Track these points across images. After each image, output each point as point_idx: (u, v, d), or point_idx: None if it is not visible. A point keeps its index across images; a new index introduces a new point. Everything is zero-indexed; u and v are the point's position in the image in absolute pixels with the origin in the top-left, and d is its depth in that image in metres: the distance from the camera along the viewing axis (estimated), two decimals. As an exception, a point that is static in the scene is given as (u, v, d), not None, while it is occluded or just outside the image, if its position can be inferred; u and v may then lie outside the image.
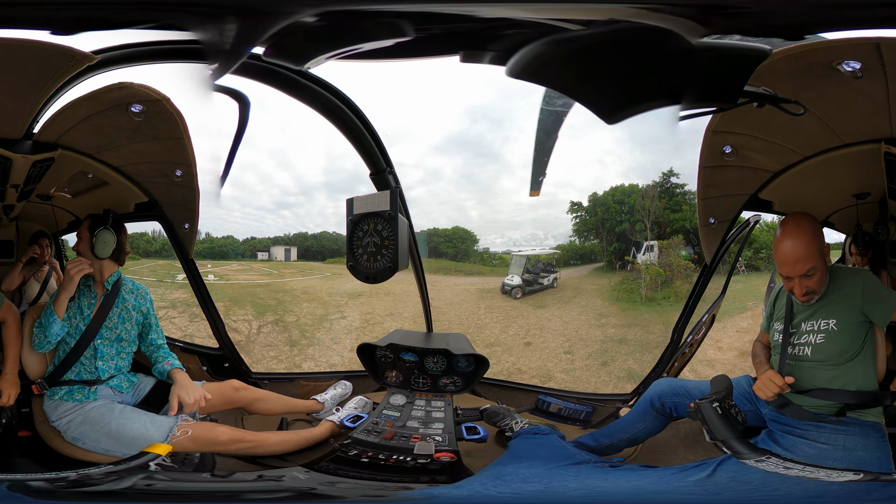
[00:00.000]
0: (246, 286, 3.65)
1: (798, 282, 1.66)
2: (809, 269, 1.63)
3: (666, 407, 1.96)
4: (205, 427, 1.91)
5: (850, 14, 1.43)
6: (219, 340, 2.69)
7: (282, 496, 1.67)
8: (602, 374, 3.16)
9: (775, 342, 1.83)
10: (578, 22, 1.42)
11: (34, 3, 1.46)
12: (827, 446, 1.63)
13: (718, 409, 1.63)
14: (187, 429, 1.86)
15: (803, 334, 1.74)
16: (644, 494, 1.53)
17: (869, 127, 1.75)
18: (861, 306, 1.66)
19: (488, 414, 2.21)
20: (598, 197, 3.38)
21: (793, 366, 1.75)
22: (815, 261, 1.64)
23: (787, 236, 1.66)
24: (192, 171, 2.24)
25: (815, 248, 1.64)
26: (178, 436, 1.84)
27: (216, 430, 1.91)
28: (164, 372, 2.06)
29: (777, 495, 1.49)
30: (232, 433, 1.92)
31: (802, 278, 1.65)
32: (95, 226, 2.02)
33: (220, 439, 1.89)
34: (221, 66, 1.60)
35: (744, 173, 2.07)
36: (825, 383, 1.68)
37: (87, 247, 2.02)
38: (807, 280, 1.65)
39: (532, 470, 1.68)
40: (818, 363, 1.71)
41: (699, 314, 2.51)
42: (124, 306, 2.06)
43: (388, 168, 2.21)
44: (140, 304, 2.10)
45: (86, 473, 1.67)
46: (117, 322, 2.04)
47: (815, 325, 1.71)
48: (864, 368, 1.68)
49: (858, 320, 1.67)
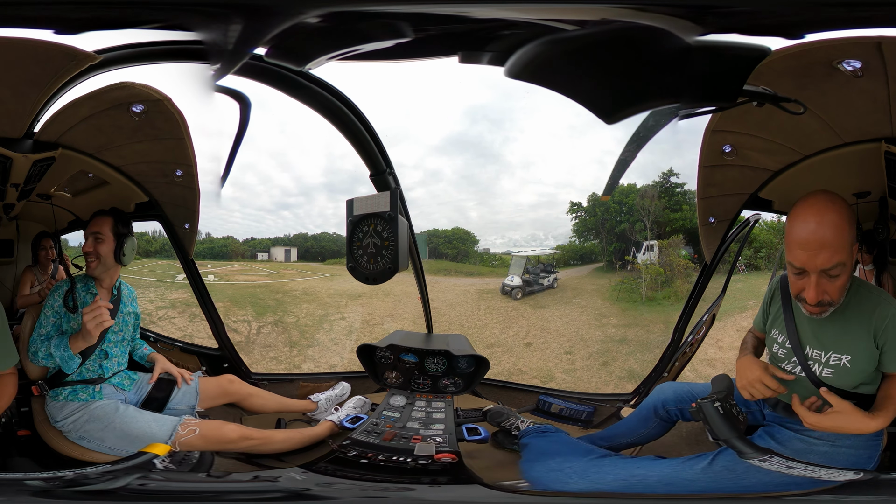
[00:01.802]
0: (246, 287, 3.64)
1: (815, 280, 1.21)
2: (836, 266, 1.18)
3: (671, 414, 1.93)
4: (213, 425, 1.92)
5: (848, 14, 1.44)
6: (218, 341, 2.69)
7: (277, 496, 1.67)
8: (603, 375, 3.15)
9: (773, 353, 1.59)
10: (571, 22, 1.42)
11: (42, 3, 1.47)
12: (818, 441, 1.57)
13: (720, 409, 1.62)
14: (195, 427, 1.86)
15: (812, 362, 1.48)
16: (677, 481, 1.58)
17: (869, 126, 1.75)
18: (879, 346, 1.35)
19: (492, 414, 2.21)
20: (598, 197, 3.38)
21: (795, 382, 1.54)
22: (845, 255, 1.18)
23: (813, 214, 1.20)
24: (192, 171, 2.24)
25: (846, 238, 1.20)
26: (184, 434, 1.84)
27: (225, 428, 1.92)
28: (143, 356, 2.15)
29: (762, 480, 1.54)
30: (240, 431, 1.93)
31: (822, 277, 1.21)
32: (118, 227, 1.98)
33: (229, 437, 1.89)
34: (224, 66, 1.61)
35: (744, 172, 2.07)
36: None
37: (111, 250, 1.96)
38: (827, 282, 1.21)
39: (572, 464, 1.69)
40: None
41: (699, 314, 2.51)
42: (125, 309, 2.08)
43: (388, 169, 2.21)
44: (134, 306, 2.14)
45: (82, 473, 1.67)
46: (122, 325, 2.05)
47: (824, 356, 1.38)
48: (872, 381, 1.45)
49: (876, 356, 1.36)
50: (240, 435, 1.91)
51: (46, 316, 1.94)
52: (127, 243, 1.99)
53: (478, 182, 3.50)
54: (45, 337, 1.92)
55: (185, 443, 1.84)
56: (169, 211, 2.37)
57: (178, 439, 1.84)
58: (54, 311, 1.95)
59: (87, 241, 1.99)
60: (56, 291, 1.97)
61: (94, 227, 1.99)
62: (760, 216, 2.33)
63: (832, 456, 1.55)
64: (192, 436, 1.84)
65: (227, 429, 1.91)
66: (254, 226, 3.46)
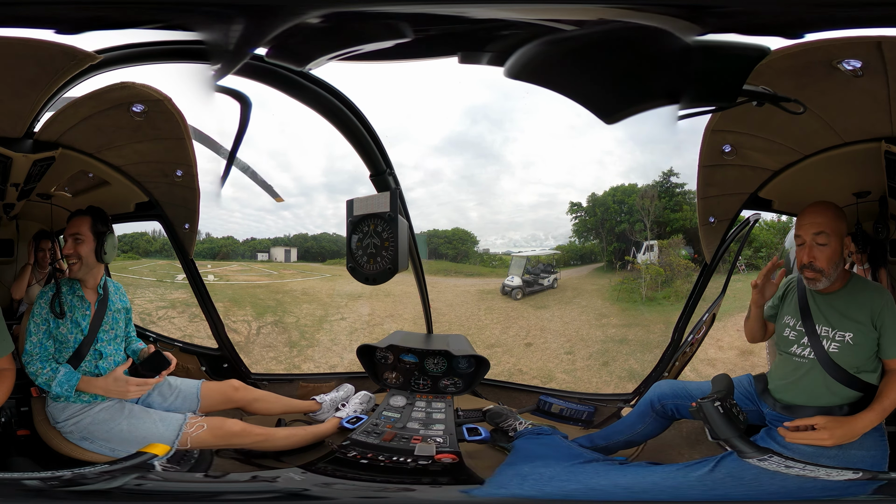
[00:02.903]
0: (246, 287, 3.64)
1: (808, 246, 1.63)
2: (821, 234, 1.61)
3: (667, 409, 1.95)
4: (217, 421, 1.92)
5: (848, 14, 1.44)
6: (218, 341, 2.69)
7: (276, 496, 1.66)
8: (603, 375, 3.15)
9: (783, 337, 1.79)
10: (569, 22, 1.43)
11: (42, 3, 1.47)
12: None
13: (720, 409, 1.63)
14: (202, 423, 1.86)
15: (822, 339, 1.69)
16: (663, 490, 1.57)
17: (869, 125, 1.76)
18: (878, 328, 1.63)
19: (491, 415, 2.20)
20: (598, 197, 3.38)
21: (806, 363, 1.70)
22: (830, 231, 1.61)
23: (813, 206, 1.67)
24: (192, 171, 2.24)
25: (833, 222, 1.63)
26: (192, 432, 1.84)
27: (228, 423, 1.92)
28: (136, 350, 2.12)
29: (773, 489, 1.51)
30: (243, 426, 1.93)
31: (813, 245, 1.62)
32: (97, 226, 1.97)
33: (232, 430, 1.90)
34: (224, 66, 1.61)
35: (743, 172, 2.07)
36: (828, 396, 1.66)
37: (91, 250, 1.93)
38: (817, 249, 1.63)
39: (552, 469, 1.69)
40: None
41: (699, 313, 2.51)
42: (114, 306, 2.05)
43: (388, 169, 2.21)
44: (124, 301, 2.12)
45: (81, 472, 1.66)
46: (112, 323, 2.03)
47: (831, 332, 1.67)
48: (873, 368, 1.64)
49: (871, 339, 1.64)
50: (242, 429, 1.91)
51: (36, 324, 1.90)
52: (107, 241, 1.95)
53: (478, 182, 3.50)
54: (41, 349, 1.88)
55: (197, 439, 1.83)
56: (169, 211, 2.37)
57: (189, 436, 1.83)
58: (43, 319, 1.91)
59: (67, 243, 1.95)
60: (41, 298, 1.92)
61: (72, 228, 1.94)
62: (760, 216, 2.33)
63: (844, 458, 1.56)
64: (201, 431, 1.84)
65: (231, 423, 1.91)
66: (254, 226, 3.46)
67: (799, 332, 1.74)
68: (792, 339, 1.76)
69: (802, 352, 1.72)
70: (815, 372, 1.69)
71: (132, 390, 1.88)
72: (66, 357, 1.91)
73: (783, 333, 1.79)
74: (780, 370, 1.80)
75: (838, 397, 1.66)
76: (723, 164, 2.06)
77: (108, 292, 2.04)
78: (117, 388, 1.87)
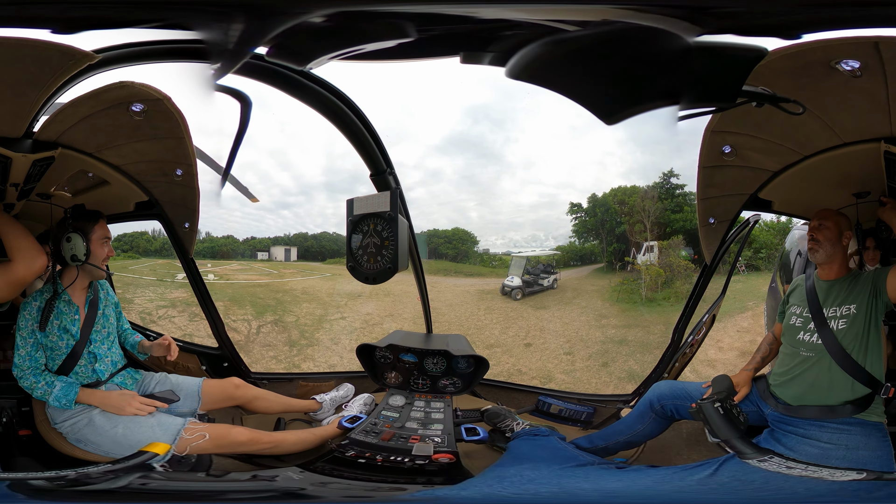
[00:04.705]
0: (245, 286, 3.64)
1: (812, 228, 1.87)
2: (822, 224, 1.86)
3: (666, 409, 1.96)
4: (221, 429, 1.91)
5: (847, 14, 1.44)
6: (218, 340, 2.69)
7: (274, 496, 1.66)
8: (603, 375, 3.15)
9: (790, 325, 1.87)
10: (573, 23, 1.42)
11: (41, 3, 1.47)
12: (830, 445, 1.63)
13: (720, 409, 1.63)
14: (203, 432, 1.85)
15: (830, 320, 1.79)
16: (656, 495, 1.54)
17: (868, 126, 1.75)
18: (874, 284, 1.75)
19: (489, 415, 2.20)
20: (598, 198, 3.38)
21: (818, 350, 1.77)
22: (831, 225, 1.86)
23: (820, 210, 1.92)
24: (192, 170, 2.24)
25: (834, 216, 1.87)
26: (193, 439, 1.83)
27: (233, 432, 1.91)
28: (134, 344, 2.13)
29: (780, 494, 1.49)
30: (250, 434, 1.92)
31: (816, 230, 1.85)
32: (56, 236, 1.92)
33: (238, 440, 1.89)
34: (225, 65, 1.60)
35: (743, 173, 2.07)
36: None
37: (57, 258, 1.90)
38: (819, 231, 1.85)
39: (538, 472, 1.68)
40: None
41: (699, 314, 2.50)
42: (102, 304, 2.04)
43: (389, 169, 2.21)
44: (112, 296, 2.11)
45: (84, 472, 1.66)
46: (104, 322, 2.02)
47: (839, 310, 1.78)
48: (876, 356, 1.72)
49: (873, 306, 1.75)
50: (249, 438, 1.90)
51: (23, 337, 1.89)
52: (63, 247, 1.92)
53: (478, 182, 3.50)
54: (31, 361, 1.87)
55: (198, 448, 1.83)
56: (169, 210, 2.36)
57: (187, 444, 1.82)
58: (29, 331, 1.90)
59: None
60: (24, 310, 1.91)
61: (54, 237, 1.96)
62: (760, 216, 2.34)
63: (850, 460, 1.56)
64: (202, 441, 1.83)
65: (236, 432, 1.90)
66: (254, 225, 3.46)
67: (805, 319, 1.83)
68: (798, 326, 1.83)
69: (809, 338, 1.79)
70: (820, 364, 1.73)
71: (132, 408, 1.86)
72: (58, 364, 1.89)
73: (790, 322, 1.88)
74: (782, 365, 1.81)
75: (841, 393, 1.67)
76: (723, 164, 2.06)
77: (96, 291, 2.03)
78: (119, 402, 1.87)
